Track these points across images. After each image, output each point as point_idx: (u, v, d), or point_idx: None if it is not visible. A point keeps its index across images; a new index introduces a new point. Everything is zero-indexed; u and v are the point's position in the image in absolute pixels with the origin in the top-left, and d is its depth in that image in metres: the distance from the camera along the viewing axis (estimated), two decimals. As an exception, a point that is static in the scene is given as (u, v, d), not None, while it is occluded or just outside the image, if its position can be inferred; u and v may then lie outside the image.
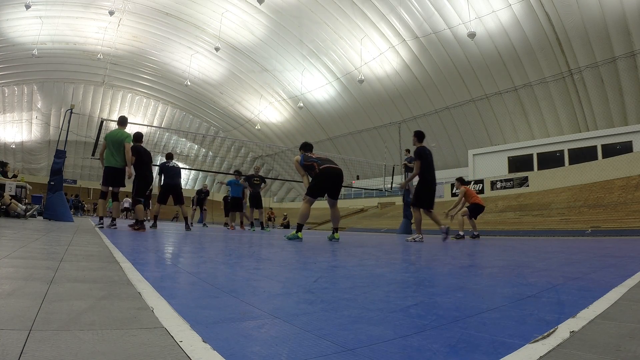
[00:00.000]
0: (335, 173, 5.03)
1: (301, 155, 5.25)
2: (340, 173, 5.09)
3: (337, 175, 5.05)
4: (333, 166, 5.08)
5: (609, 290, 1.33)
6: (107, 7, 21.27)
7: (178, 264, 1.98)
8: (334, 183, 5.05)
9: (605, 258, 3.04)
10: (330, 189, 5.07)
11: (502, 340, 0.73)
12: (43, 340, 0.61)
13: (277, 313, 0.91)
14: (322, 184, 5.03)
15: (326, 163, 5.09)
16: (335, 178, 5.04)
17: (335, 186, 5.09)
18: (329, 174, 5.00)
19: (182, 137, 36.69)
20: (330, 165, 5.06)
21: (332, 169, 5.04)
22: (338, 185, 5.11)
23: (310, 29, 22.88)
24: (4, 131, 32.88)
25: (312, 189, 5.02)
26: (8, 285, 1.05)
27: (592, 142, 17.97)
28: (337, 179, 5.06)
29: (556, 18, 16.73)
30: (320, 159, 5.16)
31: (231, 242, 4.13)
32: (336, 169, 5.07)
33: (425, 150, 6.04)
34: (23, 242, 2.49)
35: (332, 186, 5.06)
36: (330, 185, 5.05)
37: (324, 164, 5.05)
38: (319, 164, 5.06)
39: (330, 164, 5.09)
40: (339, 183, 5.11)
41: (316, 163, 5.07)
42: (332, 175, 5.02)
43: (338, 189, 5.14)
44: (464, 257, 3.16)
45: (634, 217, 9.95)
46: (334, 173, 5.02)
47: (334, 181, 5.04)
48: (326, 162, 5.11)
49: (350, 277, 1.67)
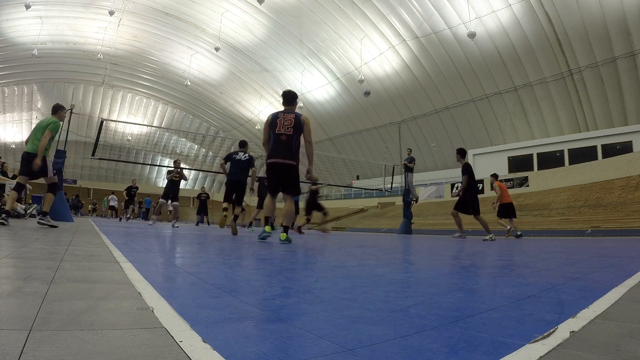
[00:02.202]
0: (276, 165, 4.30)
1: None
2: (282, 165, 4.28)
3: (279, 167, 4.31)
4: (276, 161, 4.29)
5: (609, 290, 1.33)
6: (107, 7, 21.27)
7: (178, 263, 1.98)
8: (278, 176, 4.35)
9: (605, 258, 3.04)
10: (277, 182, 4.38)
11: (502, 340, 0.73)
12: (43, 340, 0.61)
13: (277, 313, 0.91)
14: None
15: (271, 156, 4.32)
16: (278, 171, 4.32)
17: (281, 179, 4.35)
18: (270, 166, 4.34)
19: (182, 137, 36.70)
20: (274, 161, 4.30)
21: (273, 163, 4.32)
22: (284, 177, 4.34)
23: (310, 29, 22.89)
24: (4, 131, 32.89)
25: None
26: (8, 285, 1.05)
27: (592, 142, 17.98)
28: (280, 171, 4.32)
29: (556, 18, 16.74)
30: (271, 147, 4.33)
31: (231, 243, 4.13)
32: (278, 163, 4.29)
33: (469, 166, 7.39)
34: (23, 242, 2.49)
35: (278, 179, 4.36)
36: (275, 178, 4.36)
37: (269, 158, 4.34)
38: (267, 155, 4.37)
39: (275, 159, 4.29)
40: (284, 175, 4.33)
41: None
42: (274, 168, 4.32)
43: (288, 181, 4.35)
44: (464, 257, 3.16)
45: (634, 217, 9.95)
46: (274, 166, 4.31)
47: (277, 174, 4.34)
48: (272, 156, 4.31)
49: (350, 277, 1.67)
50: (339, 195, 32.64)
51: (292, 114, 4.33)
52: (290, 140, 4.21)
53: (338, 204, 29.30)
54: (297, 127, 4.25)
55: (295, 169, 4.32)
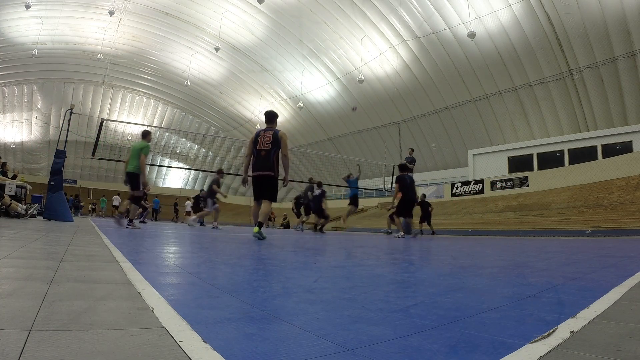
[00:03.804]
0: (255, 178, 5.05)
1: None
2: (261, 176, 4.99)
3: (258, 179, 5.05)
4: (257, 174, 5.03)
5: (609, 290, 1.33)
6: (107, 7, 21.27)
7: (178, 264, 1.98)
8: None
9: (605, 258, 3.04)
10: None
11: (502, 340, 0.73)
12: (43, 340, 0.61)
13: (277, 313, 0.91)
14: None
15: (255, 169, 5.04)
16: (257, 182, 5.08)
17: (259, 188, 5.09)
18: (253, 178, 5.07)
19: (182, 137, 36.70)
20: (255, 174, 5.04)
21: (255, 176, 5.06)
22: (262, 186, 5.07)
23: (310, 29, 22.89)
24: (4, 131, 32.88)
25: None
26: (8, 285, 1.05)
27: (592, 142, 17.97)
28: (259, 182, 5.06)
29: (556, 18, 16.73)
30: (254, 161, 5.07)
31: (231, 243, 4.14)
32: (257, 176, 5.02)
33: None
34: (23, 242, 2.49)
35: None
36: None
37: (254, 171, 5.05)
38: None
39: (256, 172, 5.01)
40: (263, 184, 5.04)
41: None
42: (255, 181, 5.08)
43: (266, 189, 5.05)
44: (464, 257, 3.16)
45: (634, 217, 9.94)
46: (255, 178, 5.05)
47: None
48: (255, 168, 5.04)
49: (350, 277, 1.67)
50: (339, 195, 32.64)
51: (271, 131, 4.97)
52: (268, 155, 4.87)
53: (338, 204, 29.26)
54: (275, 142, 4.89)
55: (272, 178, 4.96)
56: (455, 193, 20.78)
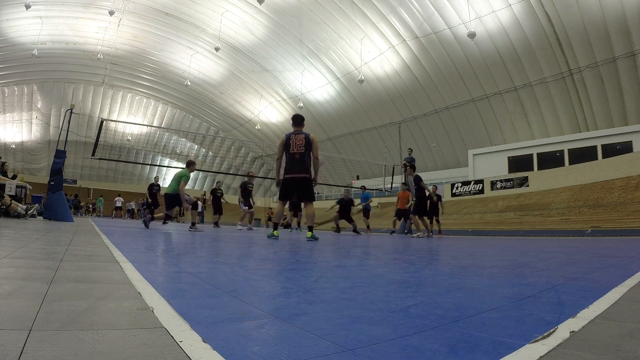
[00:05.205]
0: (292, 180, 5.14)
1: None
2: (298, 178, 5.11)
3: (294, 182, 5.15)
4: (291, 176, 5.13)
5: (609, 290, 1.32)
6: (107, 7, 21.28)
7: (178, 263, 1.98)
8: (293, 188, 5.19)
9: (605, 258, 3.04)
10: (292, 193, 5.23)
11: (502, 340, 0.73)
12: (43, 340, 0.61)
13: (277, 313, 0.91)
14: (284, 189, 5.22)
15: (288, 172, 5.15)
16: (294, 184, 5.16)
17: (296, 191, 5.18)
18: (288, 180, 5.17)
19: (182, 137, 36.71)
20: (290, 176, 5.14)
21: (289, 178, 5.15)
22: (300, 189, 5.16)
23: (310, 29, 22.89)
24: (4, 131, 32.88)
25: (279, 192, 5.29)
26: (8, 285, 1.05)
27: (592, 142, 17.98)
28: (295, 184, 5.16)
29: (556, 18, 16.74)
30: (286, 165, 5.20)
31: (231, 243, 4.14)
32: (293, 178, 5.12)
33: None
34: (23, 242, 2.49)
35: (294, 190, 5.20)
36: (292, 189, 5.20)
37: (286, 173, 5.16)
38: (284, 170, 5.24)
39: (292, 174, 5.12)
40: (301, 186, 5.15)
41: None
42: (290, 182, 5.16)
43: (304, 191, 5.16)
44: (464, 257, 3.16)
45: (634, 217, 9.94)
46: (291, 180, 5.14)
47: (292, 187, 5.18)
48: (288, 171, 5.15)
49: (350, 277, 1.67)
50: (339, 195, 32.64)
51: (302, 134, 5.16)
52: (303, 157, 5.07)
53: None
54: (308, 145, 5.10)
55: (309, 180, 5.12)
56: (455, 193, 20.79)
